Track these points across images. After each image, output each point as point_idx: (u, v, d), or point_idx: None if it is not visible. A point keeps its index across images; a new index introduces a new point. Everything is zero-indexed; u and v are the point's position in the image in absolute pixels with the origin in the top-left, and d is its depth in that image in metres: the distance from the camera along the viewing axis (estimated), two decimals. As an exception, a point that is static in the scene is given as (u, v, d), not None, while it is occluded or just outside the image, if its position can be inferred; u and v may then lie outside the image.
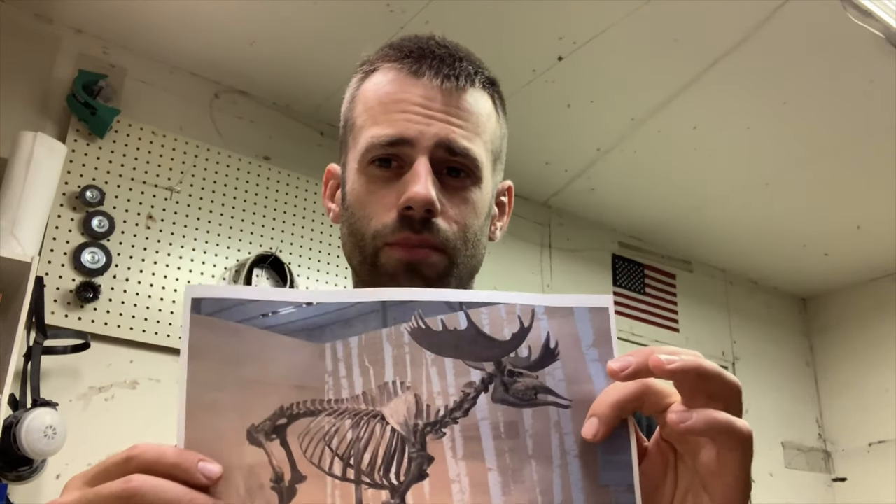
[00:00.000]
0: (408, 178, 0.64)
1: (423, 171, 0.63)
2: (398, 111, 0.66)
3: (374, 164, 0.66)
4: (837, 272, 3.44)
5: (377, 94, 0.68)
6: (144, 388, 1.86)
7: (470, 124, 0.67)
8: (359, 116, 0.69)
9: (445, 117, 0.66)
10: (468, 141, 0.66)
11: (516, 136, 0.79)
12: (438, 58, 0.68)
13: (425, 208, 0.62)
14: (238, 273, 2.07)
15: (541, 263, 2.83)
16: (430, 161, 0.64)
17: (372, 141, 0.65)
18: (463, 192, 0.66)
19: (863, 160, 2.57)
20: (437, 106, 0.66)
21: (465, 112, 0.67)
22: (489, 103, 0.70)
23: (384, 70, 0.69)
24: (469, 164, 0.66)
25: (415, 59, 0.67)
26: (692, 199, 2.86)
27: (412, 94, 0.66)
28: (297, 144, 2.32)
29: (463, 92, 0.67)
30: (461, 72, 0.68)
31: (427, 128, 0.65)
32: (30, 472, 1.58)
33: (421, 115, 0.65)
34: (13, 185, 1.64)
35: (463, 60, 0.69)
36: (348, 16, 1.94)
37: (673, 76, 2.19)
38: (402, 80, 0.67)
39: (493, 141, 0.70)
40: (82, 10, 1.94)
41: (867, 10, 1.88)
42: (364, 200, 0.66)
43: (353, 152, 0.69)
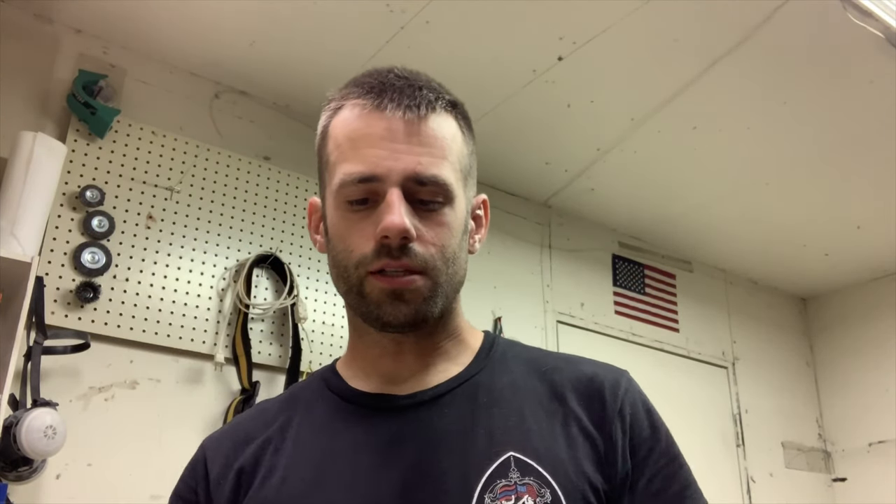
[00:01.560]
0: (382, 210, 0.67)
1: (396, 200, 0.66)
2: (366, 146, 0.69)
3: (350, 203, 0.69)
4: (837, 272, 3.44)
5: (345, 130, 0.71)
6: (144, 388, 1.86)
7: (436, 149, 0.70)
8: (331, 153, 0.72)
9: (410, 148, 0.68)
10: (435, 168, 0.69)
11: (516, 136, 0.81)
12: (398, 90, 0.70)
13: (400, 236, 0.65)
14: (238, 273, 2.07)
15: (541, 263, 2.83)
16: (402, 190, 0.67)
17: (344, 178, 0.69)
18: (436, 215, 0.69)
19: (863, 160, 2.57)
20: (401, 138, 0.69)
21: (430, 139, 0.70)
22: (453, 125, 0.73)
23: (350, 106, 0.72)
24: (439, 189, 0.69)
25: (376, 94, 0.70)
26: (692, 199, 2.86)
27: (377, 128, 0.69)
28: (297, 144, 2.32)
29: (425, 120, 0.70)
30: (421, 100, 0.70)
31: (395, 163, 0.67)
32: (30, 472, 1.58)
33: (388, 151, 0.68)
34: (13, 185, 1.64)
35: (423, 88, 0.71)
36: (348, 16, 1.94)
37: (673, 76, 2.19)
38: (366, 115, 0.70)
39: (460, 160, 0.73)
40: (82, 10, 1.94)
41: (867, 10, 1.88)
42: (344, 234, 0.70)
43: (330, 188, 0.72)
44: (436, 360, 0.74)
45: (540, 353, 0.79)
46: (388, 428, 0.69)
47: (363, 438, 0.69)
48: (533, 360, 0.76)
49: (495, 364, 0.75)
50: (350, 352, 0.78)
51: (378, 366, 0.74)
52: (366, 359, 0.75)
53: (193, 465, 0.76)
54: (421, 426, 0.69)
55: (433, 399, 0.71)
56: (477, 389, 0.72)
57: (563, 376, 0.73)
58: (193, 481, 0.74)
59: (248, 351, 2.01)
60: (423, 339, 0.73)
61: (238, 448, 0.73)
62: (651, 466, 0.68)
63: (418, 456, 0.66)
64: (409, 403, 0.71)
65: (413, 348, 0.73)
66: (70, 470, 1.70)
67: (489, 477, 0.64)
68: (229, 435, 0.77)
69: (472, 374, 0.74)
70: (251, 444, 0.73)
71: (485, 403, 0.70)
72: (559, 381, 0.72)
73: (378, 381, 0.74)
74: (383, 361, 0.74)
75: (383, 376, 0.74)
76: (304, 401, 0.77)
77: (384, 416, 0.71)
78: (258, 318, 2.07)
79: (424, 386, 0.72)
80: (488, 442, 0.66)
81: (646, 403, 0.73)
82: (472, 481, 0.64)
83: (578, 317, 2.85)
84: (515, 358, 0.76)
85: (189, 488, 0.74)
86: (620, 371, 0.75)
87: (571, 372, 0.73)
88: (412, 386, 0.72)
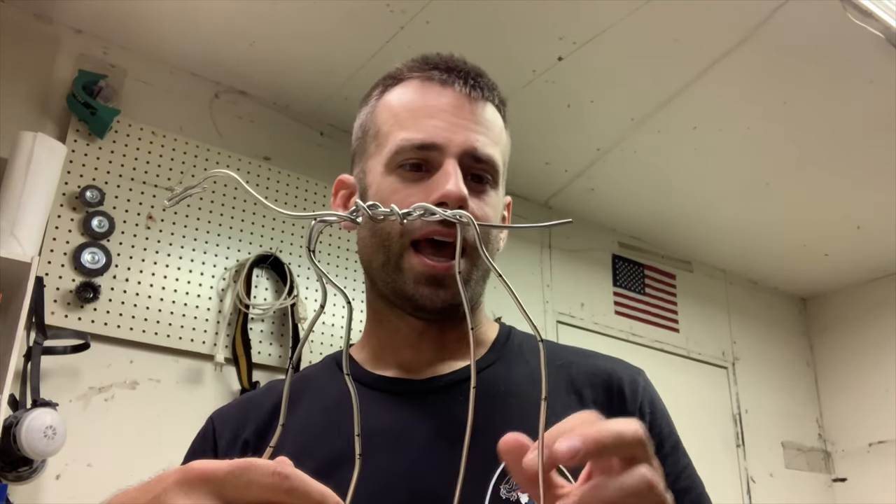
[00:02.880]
0: (438, 177, 0.66)
1: (454, 170, 0.66)
2: (426, 116, 0.69)
3: (404, 168, 0.68)
4: (837, 272, 3.44)
5: (403, 101, 0.72)
6: (144, 388, 1.86)
7: (492, 133, 0.71)
8: (384, 123, 0.72)
9: (471, 125, 0.69)
10: (490, 148, 0.70)
11: (516, 136, 0.81)
12: (465, 71, 0.72)
13: (458, 203, 0.65)
14: (238, 273, 2.07)
15: (541, 263, 2.83)
16: (458, 163, 0.68)
17: (402, 143, 0.68)
18: (484, 195, 0.70)
19: (863, 160, 2.57)
20: (464, 114, 0.70)
21: (488, 122, 0.71)
22: (500, 120, 0.75)
23: (408, 82, 0.73)
24: (490, 170, 0.70)
25: (443, 70, 0.72)
26: (692, 199, 2.86)
27: (441, 101, 0.70)
28: (297, 144, 2.32)
29: (485, 104, 0.72)
30: (484, 86, 0.73)
31: (454, 135, 0.68)
32: (30, 472, 1.58)
33: (448, 123, 0.69)
34: (13, 185, 1.64)
35: (484, 76, 0.74)
36: (348, 16, 1.93)
37: (673, 76, 2.18)
38: (429, 88, 0.71)
39: (504, 154, 0.74)
40: (82, 10, 1.94)
41: (867, 10, 1.88)
42: (390, 199, 0.67)
43: (378, 157, 0.71)
44: (454, 350, 0.73)
45: (555, 346, 0.78)
46: (401, 412, 0.68)
47: (375, 422, 0.67)
48: (549, 352, 0.74)
49: (512, 355, 0.74)
50: (366, 337, 0.77)
51: (396, 354, 0.73)
52: (383, 346, 0.74)
53: (202, 435, 0.75)
54: (436, 412, 0.68)
55: (449, 386, 0.70)
56: (494, 379, 0.71)
57: (579, 370, 0.72)
58: (201, 452, 0.73)
59: (248, 351, 2.00)
60: (447, 330, 0.72)
61: (246, 421, 0.72)
62: (671, 465, 0.68)
63: (432, 442, 0.65)
64: (424, 389, 0.70)
65: (434, 337, 0.72)
66: (70, 470, 1.70)
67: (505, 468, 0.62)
68: (238, 408, 0.76)
69: (489, 363, 0.73)
70: (259, 419, 0.72)
71: (502, 393, 0.69)
72: (575, 375, 0.71)
73: (397, 368, 0.73)
74: (402, 351, 0.73)
75: (401, 365, 0.73)
76: (315, 381, 0.75)
77: (398, 400, 0.69)
78: (258, 318, 2.07)
79: (441, 372, 0.71)
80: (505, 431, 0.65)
81: (661, 403, 0.73)
82: (487, 471, 0.62)
83: (578, 317, 2.85)
84: (532, 350, 0.74)
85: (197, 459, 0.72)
86: (637, 369, 0.75)
87: (588, 366, 0.73)
88: (429, 372, 0.71)
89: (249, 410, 0.73)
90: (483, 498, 0.61)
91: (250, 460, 0.41)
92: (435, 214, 0.52)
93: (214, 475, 0.40)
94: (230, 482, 0.40)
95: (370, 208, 0.52)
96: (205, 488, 0.40)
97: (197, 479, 0.40)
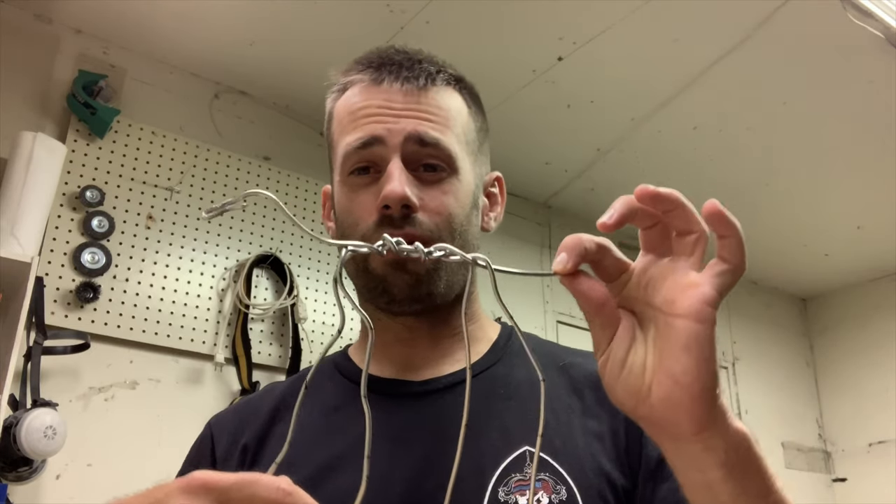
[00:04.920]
0: (383, 180, 0.65)
1: (396, 169, 0.65)
2: (365, 116, 0.68)
3: (354, 174, 0.68)
4: (837, 272, 3.44)
5: (345, 108, 0.71)
6: (144, 388, 1.86)
7: (438, 118, 0.68)
8: (334, 132, 0.72)
9: (412, 114, 0.67)
10: (438, 133, 0.67)
11: (516, 137, 0.80)
12: (397, 63, 0.70)
13: (401, 204, 0.63)
14: (238, 273, 2.06)
15: (541, 264, 2.83)
16: (404, 158, 0.66)
17: (346, 149, 0.68)
18: (441, 184, 0.67)
19: (863, 160, 2.57)
20: (399, 107, 0.67)
21: (432, 107, 0.68)
22: (457, 98, 0.72)
23: (350, 87, 0.72)
24: (441, 154, 0.67)
25: (374, 69, 0.70)
26: (692, 200, 2.85)
27: (376, 99, 0.68)
28: (297, 144, 2.32)
29: (426, 91, 0.69)
30: (420, 72, 0.70)
31: (394, 125, 0.66)
32: (30, 472, 1.58)
33: (388, 116, 0.67)
34: (13, 185, 1.64)
35: (423, 62, 0.71)
36: (348, 16, 1.93)
37: (673, 76, 2.18)
38: (366, 89, 0.70)
39: (466, 133, 0.71)
40: (82, 10, 1.94)
41: (867, 10, 1.88)
42: (348, 208, 0.68)
43: (336, 168, 0.71)
44: (452, 348, 0.71)
45: (557, 347, 0.77)
46: (400, 415, 0.67)
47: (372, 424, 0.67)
48: (550, 353, 0.74)
49: (512, 356, 0.73)
50: (362, 338, 0.76)
51: (391, 352, 0.72)
52: (377, 345, 0.73)
53: (200, 443, 0.74)
54: (434, 414, 0.66)
55: (448, 387, 0.68)
56: (493, 381, 0.69)
57: (581, 371, 0.70)
58: (199, 459, 0.72)
59: (248, 351, 2.00)
60: (437, 325, 0.71)
61: (244, 426, 0.71)
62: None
63: (430, 445, 0.64)
64: (422, 390, 0.69)
65: (427, 334, 0.71)
66: (70, 470, 1.70)
67: (503, 470, 0.61)
68: (236, 413, 0.75)
69: (489, 364, 0.71)
70: (257, 424, 0.71)
71: (501, 395, 0.68)
72: (577, 376, 0.70)
73: (391, 367, 0.71)
74: (396, 348, 0.71)
75: (396, 363, 0.71)
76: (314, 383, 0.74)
77: (396, 403, 0.68)
78: (258, 318, 2.07)
79: (439, 373, 0.69)
80: (504, 435, 0.64)
81: None
82: (485, 474, 0.61)
83: (578, 317, 2.85)
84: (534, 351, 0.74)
85: (195, 466, 0.70)
86: None
87: (591, 367, 0.70)
88: (426, 373, 0.70)
89: (248, 415, 0.72)
90: (481, 501, 0.60)
91: (256, 475, 0.41)
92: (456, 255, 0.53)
93: (218, 485, 0.40)
94: (234, 493, 0.40)
95: (397, 244, 0.53)
96: (208, 497, 0.40)
97: (201, 488, 0.40)
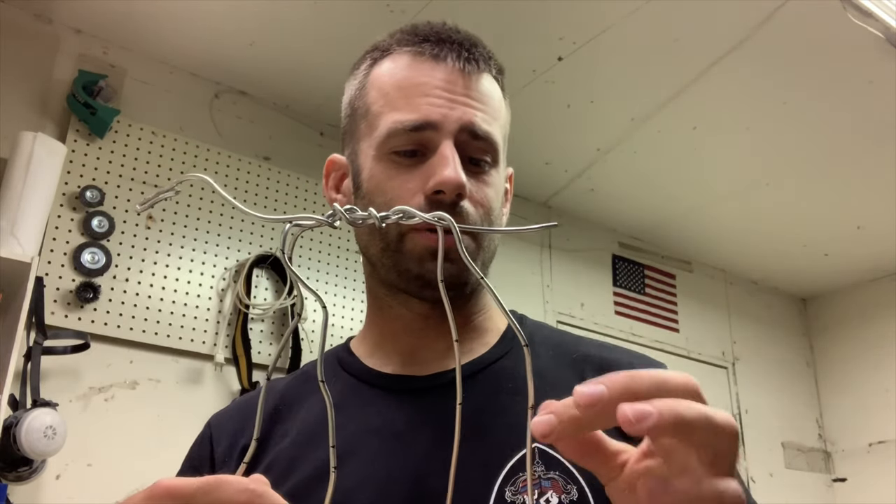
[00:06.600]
0: (435, 162, 0.63)
1: (451, 154, 0.62)
2: (420, 95, 0.65)
3: (398, 154, 0.64)
4: (837, 272, 3.44)
5: (394, 78, 0.67)
6: (144, 388, 1.86)
7: (489, 108, 0.67)
8: (374, 102, 0.67)
9: (467, 101, 0.65)
10: (488, 125, 0.66)
11: (516, 137, 0.79)
12: (458, 42, 0.68)
13: (456, 192, 0.61)
14: (238, 273, 2.06)
15: (541, 263, 2.83)
16: (455, 145, 0.64)
17: (394, 126, 0.64)
18: (485, 175, 0.66)
19: (863, 160, 2.57)
20: (459, 90, 0.65)
21: (485, 97, 0.67)
22: (499, 90, 0.71)
23: (397, 55, 0.68)
24: (489, 148, 0.66)
25: (434, 43, 0.67)
26: (692, 199, 2.86)
27: (434, 77, 0.65)
28: (297, 144, 2.32)
29: (481, 77, 0.67)
30: (479, 57, 0.68)
31: (451, 111, 0.64)
32: (30, 472, 1.58)
33: (444, 99, 0.64)
34: (13, 185, 1.64)
35: (479, 46, 0.69)
36: (348, 16, 1.94)
37: (673, 76, 2.18)
38: (421, 63, 0.66)
39: (504, 126, 0.70)
40: (82, 10, 1.94)
41: (867, 11, 1.88)
42: (385, 187, 0.65)
43: (369, 139, 0.67)
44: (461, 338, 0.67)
45: (570, 337, 0.73)
46: (404, 411, 0.65)
47: (377, 421, 0.64)
48: (562, 344, 0.70)
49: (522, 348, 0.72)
50: (367, 328, 0.73)
51: (398, 343, 0.69)
52: (385, 335, 0.70)
53: (199, 442, 0.72)
54: (439, 411, 0.63)
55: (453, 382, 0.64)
56: (501, 375, 0.66)
57: (594, 364, 0.67)
58: (198, 460, 0.70)
59: (248, 351, 2.00)
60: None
61: (245, 427, 0.69)
62: None
63: (435, 443, 0.61)
64: (427, 386, 0.66)
65: (438, 323, 0.68)
66: (70, 470, 1.70)
67: (511, 469, 0.59)
68: (236, 412, 0.73)
69: (497, 357, 0.68)
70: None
71: (509, 390, 0.65)
72: (590, 370, 0.67)
73: (397, 360, 0.69)
74: (404, 338, 0.69)
75: (403, 355, 0.69)
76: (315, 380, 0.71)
77: (400, 399, 0.66)
78: (258, 318, 2.07)
79: (445, 367, 0.67)
80: (511, 432, 0.61)
81: None
82: (492, 473, 0.59)
83: (578, 317, 2.85)
84: (543, 342, 0.70)
85: (193, 467, 0.70)
86: (659, 364, 0.70)
87: (605, 360, 0.68)
88: (432, 367, 0.67)
89: (248, 415, 0.70)
90: (487, 500, 0.58)
91: (223, 477, 0.40)
92: (414, 217, 0.49)
93: (183, 490, 0.40)
94: (199, 498, 0.39)
95: (348, 212, 0.51)
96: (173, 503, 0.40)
97: (165, 494, 0.40)
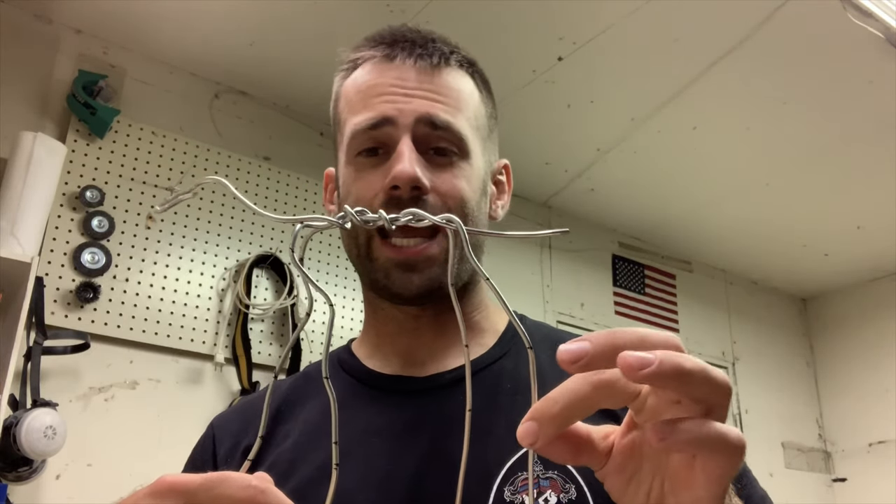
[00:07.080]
0: (392, 159, 0.63)
1: (406, 149, 0.62)
2: (375, 95, 0.65)
3: (361, 155, 0.65)
4: (837, 272, 3.44)
5: (355, 85, 0.68)
6: (144, 388, 1.86)
7: (450, 100, 0.66)
8: (342, 112, 0.69)
9: (424, 94, 0.65)
10: (449, 115, 0.65)
11: (516, 137, 0.79)
12: (410, 41, 0.68)
13: (411, 185, 0.61)
14: (238, 273, 2.06)
15: (541, 263, 2.83)
16: (415, 140, 0.64)
17: (355, 128, 0.65)
18: (452, 168, 0.65)
19: (863, 160, 2.57)
20: (412, 85, 0.65)
21: (444, 89, 0.66)
22: (469, 82, 0.70)
23: (363, 63, 0.69)
24: (453, 138, 0.65)
25: (387, 45, 0.68)
26: (692, 199, 2.86)
27: (387, 77, 0.66)
28: (297, 144, 2.32)
29: (439, 70, 0.67)
30: (434, 51, 0.67)
31: (406, 105, 0.64)
32: (30, 472, 1.58)
33: (398, 95, 0.64)
34: (13, 185, 1.64)
35: (436, 42, 0.69)
36: (348, 16, 1.93)
37: (673, 76, 2.18)
38: (377, 67, 0.67)
39: (477, 118, 0.69)
40: (82, 10, 1.94)
41: (867, 11, 1.88)
42: (351, 188, 0.66)
43: (342, 147, 0.68)
44: (457, 338, 0.68)
45: (569, 336, 0.72)
46: (403, 412, 0.65)
47: (377, 422, 0.65)
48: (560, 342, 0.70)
49: (521, 347, 0.69)
50: (365, 329, 0.74)
51: (395, 344, 0.69)
52: (381, 336, 0.71)
53: (202, 444, 0.72)
54: (439, 411, 0.64)
55: (453, 382, 0.66)
56: (500, 375, 0.66)
57: None
58: (201, 460, 0.71)
59: (248, 351, 2.00)
60: (442, 314, 0.67)
61: (248, 428, 0.69)
62: None
63: (435, 443, 0.62)
64: (426, 387, 0.66)
65: (431, 323, 0.68)
66: (70, 470, 1.70)
67: (510, 469, 0.59)
68: (238, 413, 0.73)
69: (496, 357, 0.68)
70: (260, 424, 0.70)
71: (508, 390, 0.65)
72: None
73: (396, 361, 0.69)
74: (400, 339, 0.69)
75: (401, 355, 0.69)
76: (317, 381, 0.71)
77: (400, 400, 0.66)
78: (258, 318, 2.07)
79: (444, 368, 0.67)
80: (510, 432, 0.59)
81: None
82: (491, 472, 0.59)
83: (578, 317, 2.85)
84: (543, 341, 0.69)
85: (196, 467, 0.70)
86: None
87: None
88: (431, 367, 0.68)
89: (251, 416, 0.71)
90: (486, 500, 0.58)
91: (226, 473, 0.41)
92: (423, 220, 0.49)
93: (186, 486, 0.40)
94: (202, 494, 0.40)
95: (359, 214, 0.50)
96: (176, 499, 0.40)
97: (168, 490, 0.40)
